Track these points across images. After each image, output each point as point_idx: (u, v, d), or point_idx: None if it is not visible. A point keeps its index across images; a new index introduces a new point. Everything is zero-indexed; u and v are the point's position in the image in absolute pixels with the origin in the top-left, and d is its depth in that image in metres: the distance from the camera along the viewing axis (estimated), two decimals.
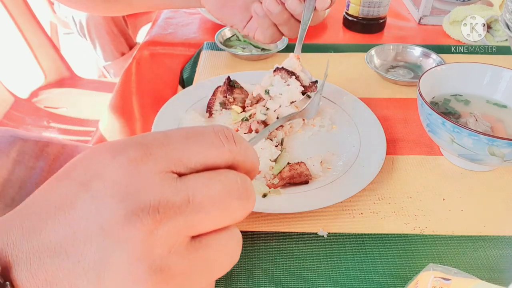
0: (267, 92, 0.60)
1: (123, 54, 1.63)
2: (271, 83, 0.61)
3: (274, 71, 0.61)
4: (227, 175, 0.24)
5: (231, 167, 0.25)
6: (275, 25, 0.61)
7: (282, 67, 0.60)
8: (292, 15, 0.60)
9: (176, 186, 0.22)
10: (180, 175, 0.23)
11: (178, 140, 0.24)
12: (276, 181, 0.51)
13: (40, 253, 0.21)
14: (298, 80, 0.60)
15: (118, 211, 0.21)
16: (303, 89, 0.59)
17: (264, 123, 0.58)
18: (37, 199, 0.23)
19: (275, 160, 0.54)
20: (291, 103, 0.59)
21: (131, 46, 1.66)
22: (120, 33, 1.59)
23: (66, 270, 0.21)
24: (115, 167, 0.22)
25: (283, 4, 0.58)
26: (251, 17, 0.63)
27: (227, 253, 0.24)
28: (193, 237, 0.23)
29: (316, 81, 0.61)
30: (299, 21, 0.60)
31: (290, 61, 0.61)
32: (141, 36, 1.77)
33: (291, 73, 0.60)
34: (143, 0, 0.69)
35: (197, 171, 0.24)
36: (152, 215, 0.21)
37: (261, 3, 0.60)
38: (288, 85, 0.59)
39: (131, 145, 0.23)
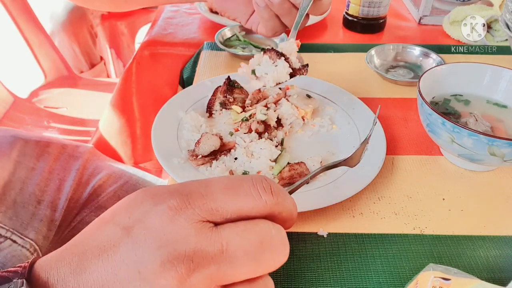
0: (253, 72, 0.59)
1: (81, 72, 1.62)
2: (258, 63, 0.59)
3: (264, 52, 0.59)
4: (262, 226, 0.25)
5: (267, 217, 0.25)
6: (277, 16, 0.60)
7: (272, 48, 0.59)
8: (293, 5, 0.59)
9: (211, 236, 0.23)
10: (217, 224, 0.24)
11: (217, 191, 0.25)
12: (276, 181, 0.51)
13: None
14: (288, 62, 0.58)
15: (155, 257, 0.22)
16: (291, 71, 0.58)
17: (264, 123, 0.58)
18: (84, 238, 0.25)
19: (275, 160, 0.54)
20: (277, 84, 0.57)
21: (93, 64, 1.65)
22: (82, 53, 1.59)
23: None
24: (156, 215, 0.23)
25: None
26: (254, 10, 0.62)
27: None
28: (226, 286, 0.24)
29: (307, 65, 0.59)
30: None
31: (289, 45, 0.59)
32: (140, 36, 1.77)
33: (280, 54, 0.58)
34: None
35: (233, 221, 0.24)
36: (186, 263, 0.22)
37: None
38: (276, 65, 0.57)
39: (172, 194, 0.24)
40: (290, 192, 0.32)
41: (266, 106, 0.61)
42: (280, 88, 0.64)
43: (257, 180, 0.25)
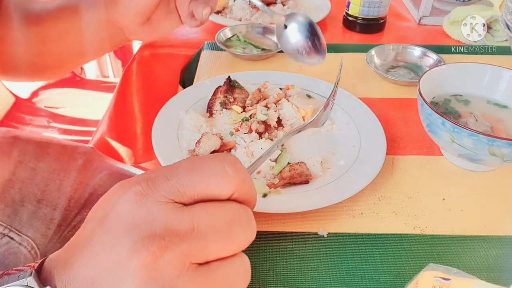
0: None
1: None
2: None
3: None
4: (230, 205, 0.25)
5: (232, 197, 0.26)
6: None
7: None
8: None
9: (181, 214, 0.24)
10: (186, 205, 0.25)
11: (182, 173, 0.25)
12: (276, 181, 0.51)
13: (73, 283, 0.24)
14: None
15: (126, 241, 0.23)
16: None
17: (265, 123, 0.58)
18: (75, 237, 0.26)
19: (276, 160, 0.54)
20: None
21: None
22: None
23: None
24: (123, 202, 0.24)
25: None
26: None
27: (237, 277, 0.25)
28: (201, 264, 0.24)
29: None
30: None
31: None
32: None
33: None
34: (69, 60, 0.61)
35: (202, 201, 0.25)
36: (158, 242, 0.23)
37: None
38: None
39: (138, 181, 0.25)
40: (249, 171, 0.32)
41: (266, 106, 0.61)
42: (280, 88, 0.64)
43: (223, 158, 0.26)
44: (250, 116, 0.59)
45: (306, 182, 0.51)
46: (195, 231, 0.24)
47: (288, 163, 0.53)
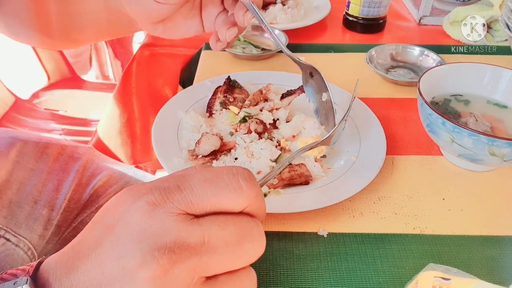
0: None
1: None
2: None
3: None
4: (242, 219, 0.25)
5: (244, 210, 0.26)
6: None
7: None
8: None
9: (192, 227, 0.24)
10: (198, 216, 0.24)
11: (196, 184, 0.25)
12: (276, 181, 0.51)
13: None
14: None
15: (135, 251, 0.23)
16: None
17: (263, 123, 0.58)
18: (79, 240, 0.26)
19: (276, 161, 0.54)
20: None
21: None
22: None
23: None
24: (135, 211, 0.24)
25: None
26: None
27: None
28: (209, 277, 0.24)
29: None
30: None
31: None
32: (139, 36, 1.77)
33: None
34: (85, 34, 0.60)
35: (214, 213, 0.25)
36: (168, 255, 0.22)
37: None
38: None
39: (151, 190, 0.25)
40: (261, 184, 0.32)
41: (261, 110, 0.61)
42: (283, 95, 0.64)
43: (237, 172, 0.26)
44: (250, 116, 0.59)
45: (307, 183, 0.51)
46: (206, 244, 0.23)
47: (289, 163, 0.53)
